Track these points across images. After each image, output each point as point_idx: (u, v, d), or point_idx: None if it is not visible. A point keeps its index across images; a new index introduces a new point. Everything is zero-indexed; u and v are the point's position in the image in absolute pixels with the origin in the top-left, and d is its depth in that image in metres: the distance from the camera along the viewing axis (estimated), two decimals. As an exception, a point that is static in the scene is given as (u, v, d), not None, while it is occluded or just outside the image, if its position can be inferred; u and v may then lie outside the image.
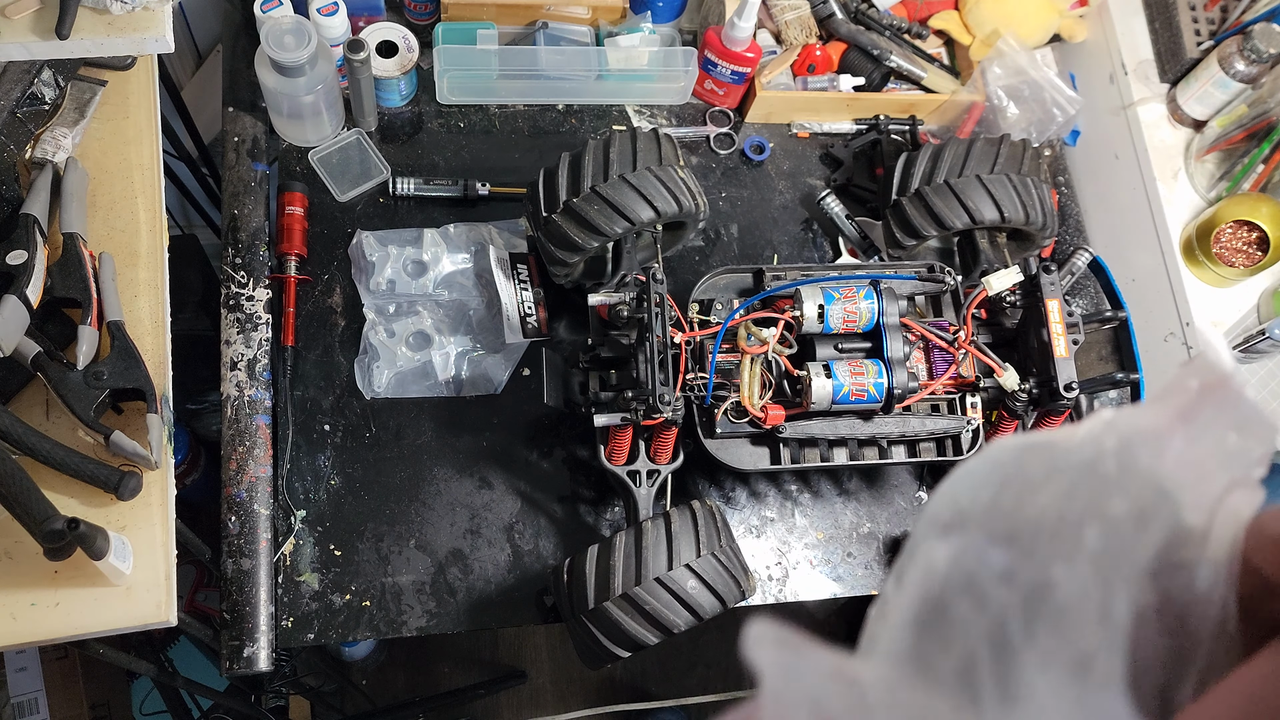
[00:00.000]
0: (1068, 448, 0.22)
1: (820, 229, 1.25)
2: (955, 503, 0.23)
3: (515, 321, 1.09)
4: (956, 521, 0.22)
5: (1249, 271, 1.15)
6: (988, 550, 0.22)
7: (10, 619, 0.82)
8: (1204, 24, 1.22)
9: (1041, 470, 0.22)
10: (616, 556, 0.87)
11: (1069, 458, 0.22)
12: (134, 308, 0.93)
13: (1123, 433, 0.22)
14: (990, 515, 0.22)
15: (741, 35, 1.16)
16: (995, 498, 0.22)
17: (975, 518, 0.22)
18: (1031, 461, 0.23)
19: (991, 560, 0.21)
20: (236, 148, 1.14)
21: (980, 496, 0.23)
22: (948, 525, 0.23)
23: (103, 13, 0.91)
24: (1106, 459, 0.22)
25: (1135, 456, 0.22)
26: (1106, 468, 0.22)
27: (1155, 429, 0.22)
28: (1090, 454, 0.22)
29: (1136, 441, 0.22)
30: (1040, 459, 0.22)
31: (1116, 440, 0.22)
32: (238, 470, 1.00)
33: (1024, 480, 0.22)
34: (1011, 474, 0.23)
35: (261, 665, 0.96)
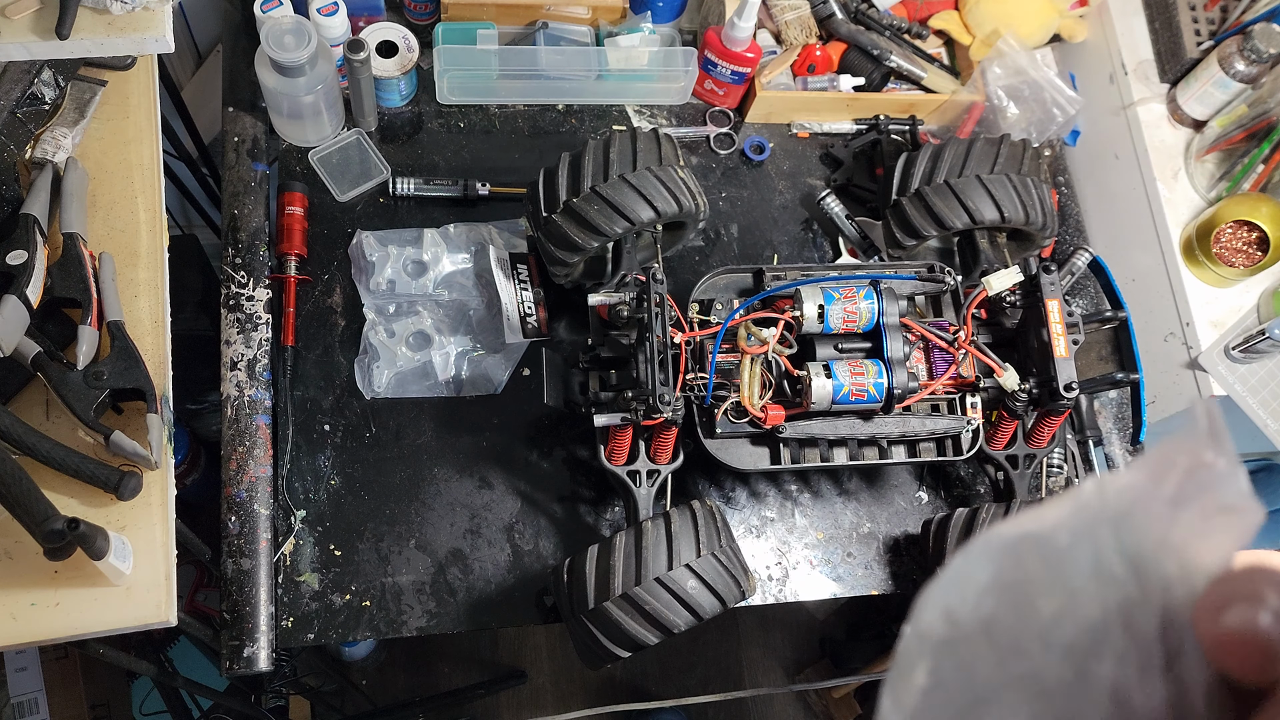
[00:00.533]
0: (1064, 544, 0.21)
1: (820, 229, 1.25)
2: (949, 614, 0.21)
3: (515, 321, 1.09)
4: (953, 636, 0.21)
5: (1249, 271, 1.15)
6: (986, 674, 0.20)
7: (10, 619, 0.82)
8: (1204, 24, 1.22)
9: (1040, 571, 0.21)
10: (616, 556, 0.87)
11: (1070, 556, 0.21)
12: (134, 308, 0.93)
13: (1117, 524, 0.21)
14: (990, 629, 0.21)
15: (741, 35, 1.16)
16: (995, 609, 0.21)
17: (973, 632, 0.21)
18: (1028, 561, 0.21)
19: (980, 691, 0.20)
20: (236, 148, 1.14)
21: (978, 606, 0.21)
22: (944, 642, 0.21)
23: (103, 13, 0.91)
24: (1109, 558, 0.20)
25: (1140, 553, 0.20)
26: (1112, 569, 0.21)
27: (1149, 517, 0.21)
28: (1090, 552, 0.21)
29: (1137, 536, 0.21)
30: (1037, 557, 0.21)
31: (1113, 534, 0.21)
32: (238, 470, 1.00)
33: (1024, 584, 0.21)
34: (1009, 578, 0.21)
35: (261, 665, 0.96)
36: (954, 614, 0.21)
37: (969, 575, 0.21)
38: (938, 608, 0.21)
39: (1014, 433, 1.02)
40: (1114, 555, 0.20)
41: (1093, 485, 0.22)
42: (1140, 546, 0.21)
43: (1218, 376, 1.16)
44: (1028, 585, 0.21)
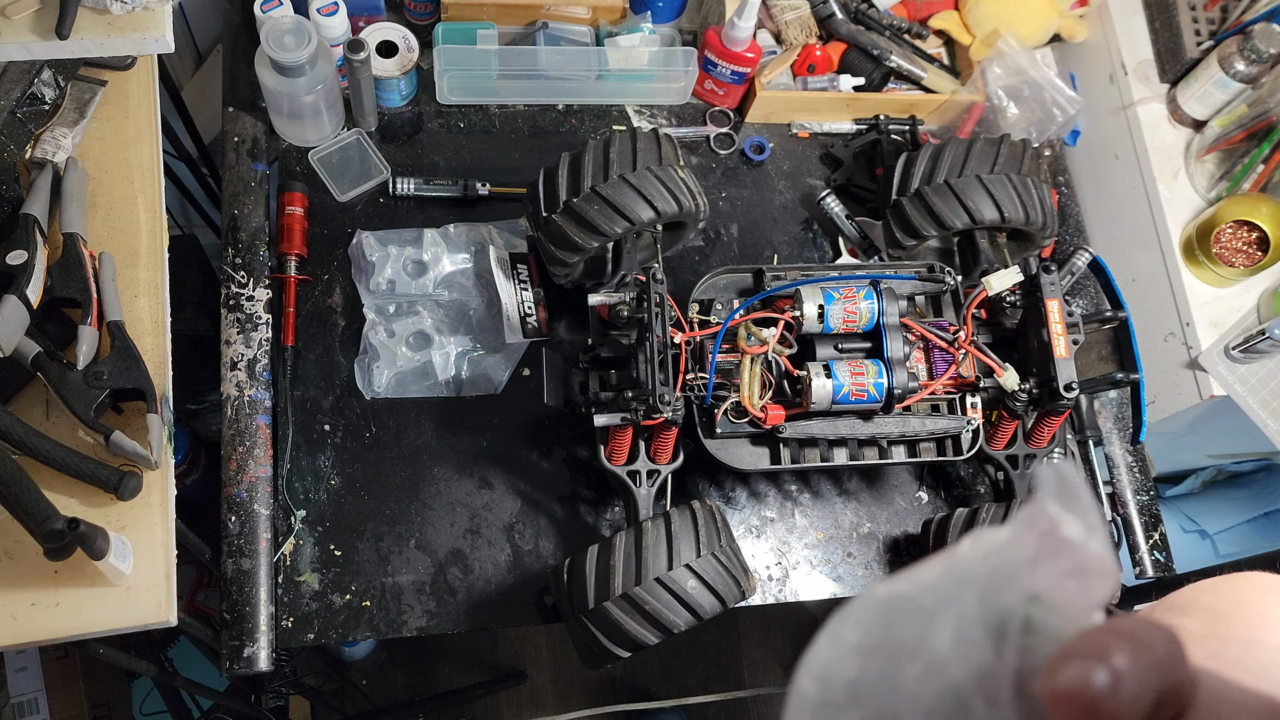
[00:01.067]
0: (929, 606, 0.21)
1: (820, 229, 1.25)
2: (823, 677, 0.21)
3: (515, 321, 1.09)
4: (825, 699, 0.21)
5: (1249, 271, 1.15)
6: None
7: (10, 619, 0.82)
8: (1204, 24, 1.22)
9: (906, 634, 0.21)
10: (616, 556, 0.87)
11: (934, 620, 0.21)
12: (134, 308, 0.93)
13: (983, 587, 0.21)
14: (856, 691, 0.21)
15: (741, 35, 1.16)
16: (861, 671, 0.21)
17: (842, 695, 0.21)
18: (895, 623, 0.21)
19: None
20: (236, 148, 1.14)
21: (846, 668, 0.21)
22: (818, 705, 0.21)
23: (103, 13, 0.91)
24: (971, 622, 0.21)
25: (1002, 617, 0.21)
26: (973, 634, 0.21)
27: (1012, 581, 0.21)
28: (954, 616, 0.21)
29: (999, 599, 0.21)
30: (903, 619, 0.21)
31: (977, 598, 0.21)
32: (238, 470, 1.00)
33: (890, 647, 0.21)
34: (876, 640, 0.21)
35: (261, 665, 0.96)
36: (826, 676, 0.21)
37: (841, 637, 0.21)
38: (812, 670, 0.21)
39: (1014, 433, 1.02)
40: (976, 620, 0.21)
41: (967, 544, 0.22)
42: (1003, 610, 0.21)
43: (1218, 376, 1.16)
44: (893, 648, 0.21)
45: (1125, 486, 1.19)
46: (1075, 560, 0.21)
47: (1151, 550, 1.17)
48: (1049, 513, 0.21)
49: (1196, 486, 1.66)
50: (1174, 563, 1.17)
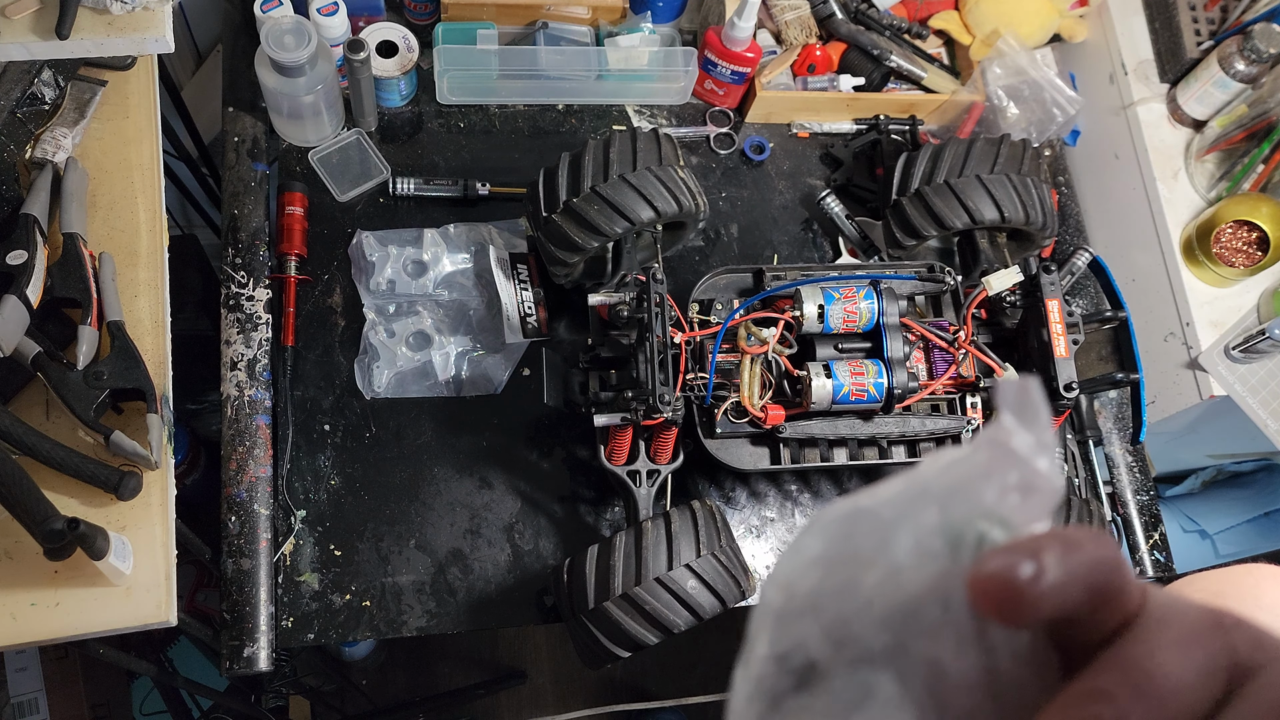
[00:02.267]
0: (889, 519, 0.22)
1: (820, 229, 1.25)
2: (787, 587, 0.22)
3: (515, 321, 1.09)
4: (788, 608, 0.22)
5: (1249, 271, 1.15)
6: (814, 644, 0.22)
7: (10, 619, 0.82)
8: (1204, 24, 1.22)
9: (866, 545, 0.22)
10: (616, 556, 0.87)
11: (894, 531, 0.22)
12: (134, 308, 0.93)
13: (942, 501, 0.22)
14: (818, 600, 0.22)
15: (741, 35, 1.16)
16: (823, 581, 0.22)
17: (804, 603, 0.22)
18: (857, 535, 0.22)
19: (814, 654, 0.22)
20: (236, 148, 1.14)
21: (808, 578, 0.22)
22: (781, 613, 0.22)
23: (103, 13, 0.91)
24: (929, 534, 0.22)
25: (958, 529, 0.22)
26: (932, 544, 0.22)
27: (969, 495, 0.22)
28: (913, 528, 0.22)
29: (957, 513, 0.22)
30: (864, 531, 0.22)
31: (937, 511, 0.22)
32: (238, 470, 1.00)
33: (851, 557, 0.22)
34: (837, 551, 0.22)
35: (261, 665, 0.96)
36: (790, 586, 0.22)
37: (803, 549, 0.23)
38: (777, 581, 0.23)
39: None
40: (934, 531, 0.22)
41: (928, 461, 0.23)
42: (959, 523, 0.22)
43: (1218, 376, 1.16)
44: (854, 558, 0.22)
45: (1125, 486, 1.19)
46: (1023, 475, 0.22)
47: (1151, 550, 1.17)
48: (1004, 425, 0.22)
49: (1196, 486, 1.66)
50: (1174, 563, 1.17)
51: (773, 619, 0.22)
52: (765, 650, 0.22)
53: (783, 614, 0.22)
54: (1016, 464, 0.22)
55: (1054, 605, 0.20)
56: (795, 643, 0.22)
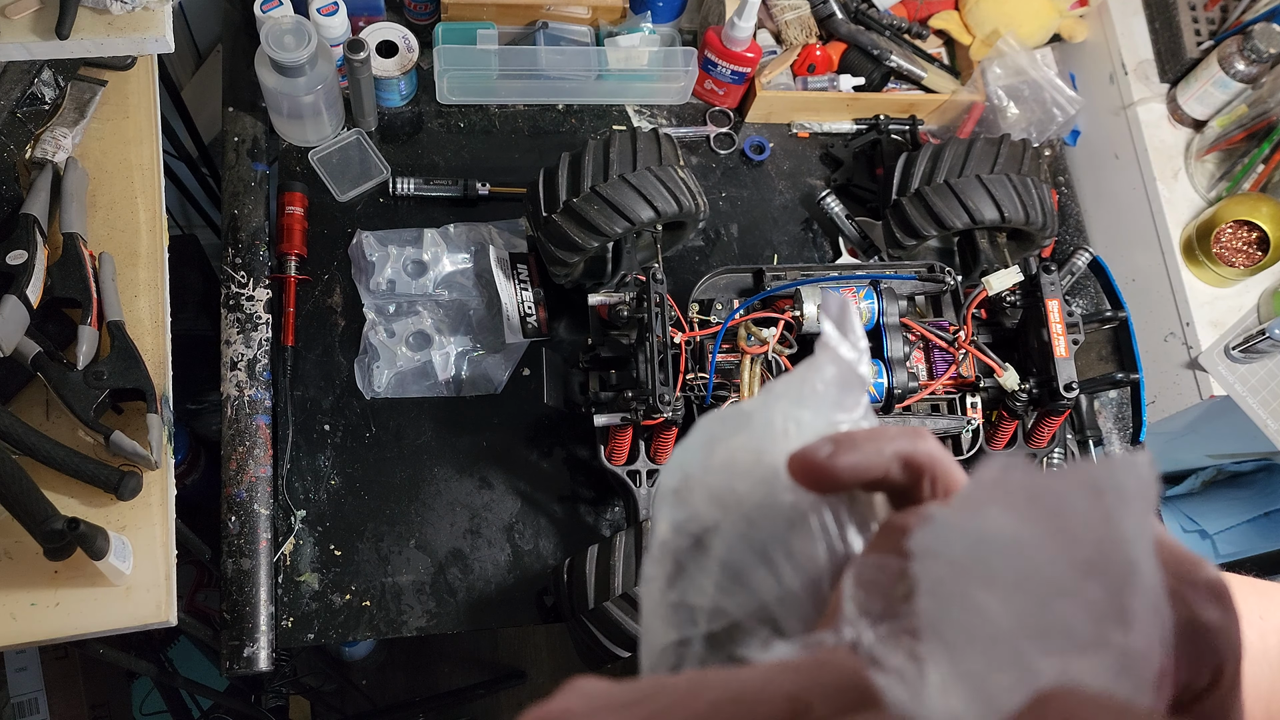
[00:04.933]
0: (751, 411, 0.28)
1: (820, 229, 1.24)
2: (680, 469, 0.28)
3: (515, 321, 1.09)
4: (682, 485, 0.27)
5: (1249, 271, 1.15)
6: (704, 509, 0.27)
7: (10, 619, 0.82)
8: (1204, 24, 1.22)
9: (736, 430, 0.28)
10: (616, 556, 0.87)
11: (756, 420, 0.27)
12: (134, 308, 0.93)
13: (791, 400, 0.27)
14: (705, 477, 0.27)
15: (741, 35, 1.16)
16: (706, 459, 0.27)
17: (696, 479, 0.27)
18: (728, 424, 0.28)
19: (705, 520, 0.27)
20: (236, 148, 1.14)
21: (695, 459, 0.27)
22: (676, 490, 0.27)
23: (103, 13, 0.91)
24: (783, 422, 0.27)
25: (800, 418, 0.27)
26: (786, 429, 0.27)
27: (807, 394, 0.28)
28: (767, 418, 0.27)
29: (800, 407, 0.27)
30: (734, 422, 0.28)
31: (789, 407, 0.27)
32: (238, 470, 1.00)
33: (725, 439, 0.27)
34: (715, 434, 0.28)
35: (261, 665, 0.96)
36: (683, 468, 0.27)
37: (689, 441, 0.28)
38: (671, 467, 0.28)
39: (1014, 433, 1.02)
40: (788, 420, 0.27)
41: (783, 375, 0.29)
42: (801, 414, 0.27)
43: (1218, 376, 1.16)
44: (728, 440, 0.27)
45: (1125, 486, 1.18)
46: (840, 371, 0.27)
47: (1151, 550, 1.17)
48: (826, 333, 0.28)
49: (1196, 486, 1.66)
50: (1174, 563, 1.17)
51: (670, 495, 0.27)
52: (666, 521, 0.27)
53: (678, 490, 0.27)
54: (835, 363, 0.27)
55: (848, 476, 0.25)
56: (689, 513, 0.27)
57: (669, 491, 0.27)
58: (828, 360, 0.27)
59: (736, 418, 0.28)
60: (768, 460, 0.27)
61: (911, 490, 0.27)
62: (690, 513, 0.27)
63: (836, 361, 0.27)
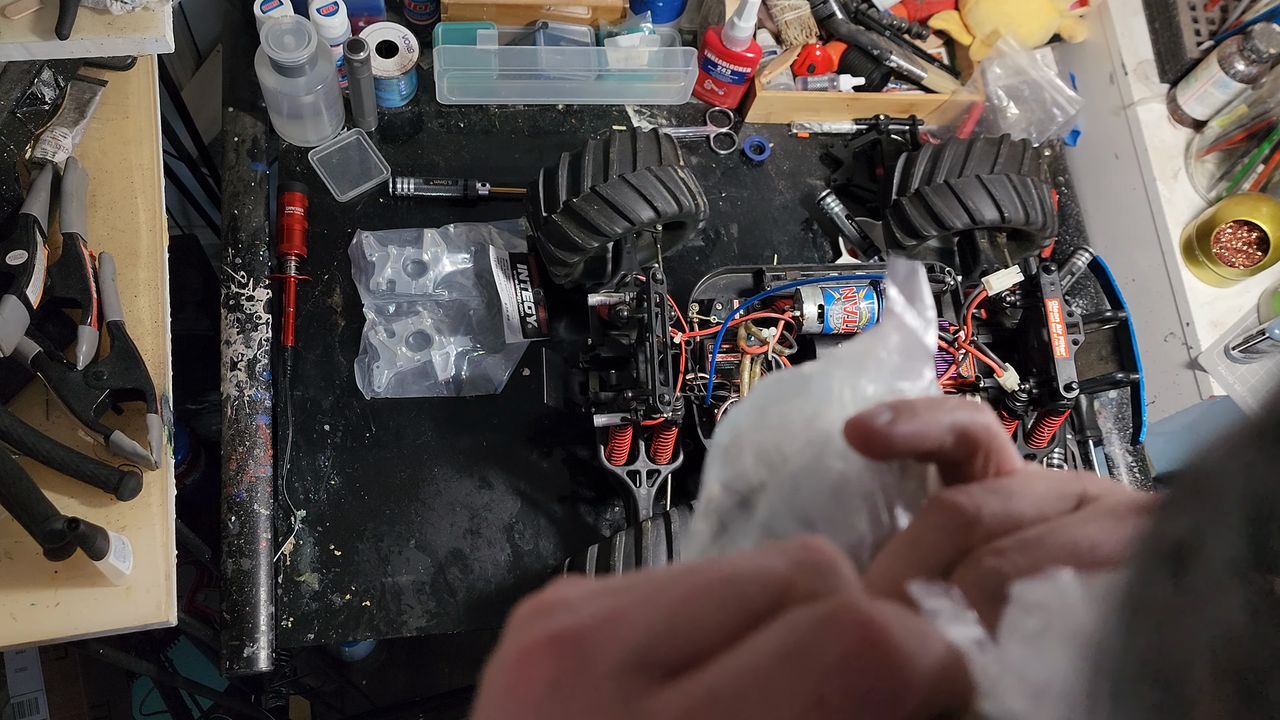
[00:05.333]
0: (810, 374, 0.28)
1: (820, 229, 1.24)
2: (733, 426, 0.28)
3: (515, 321, 1.09)
4: (734, 441, 0.27)
5: (1249, 271, 1.15)
6: (752, 469, 0.27)
7: (10, 619, 0.82)
8: (1204, 24, 1.22)
9: (794, 393, 0.28)
10: (616, 556, 0.87)
11: (813, 384, 0.28)
12: (134, 308, 0.93)
13: (852, 368, 0.28)
14: (756, 436, 0.27)
15: (741, 35, 1.16)
16: (760, 418, 0.27)
17: (746, 436, 0.27)
18: (786, 387, 0.28)
19: (752, 480, 0.27)
20: (236, 148, 1.14)
21: (749, 416, 0.28)
22: (728, 445, 0.27)
23: (103, 13, 0.91)
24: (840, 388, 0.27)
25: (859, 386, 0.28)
26: (842, 394, 0.27)
27: (869, 363, 0.28)
28: (826, 383, 0.27)
29: (862, 376, 0.27)
30: (791, 385, 0.28)
31: (848, 374, 0.27)
32: (238, 470, 1.00)
33: (781, 401, 0.28)
34: (772, 396, 0.28)
35: (261, 665, 0.96)
36: (735, 426, 0.28)
37: (746, 401, 0.28)
38: (726, 424, 0.28)
39: (1014, 433, 1.02)
40: (845, 386, 0.27)
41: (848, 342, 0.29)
42: (860, 381, 0.28)
43: (1218, 376, 1.16)
44: (780, 402, 0.27)
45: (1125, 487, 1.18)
46: (904, 339, 0.27)
47: (1151, 550, 1.17)
48: (892, 298, 0.27)
49: (1196, 486, 1.66)
50: (1174, 563, 1.17)
51: (721, 452, 0.28)
52: (716, 475, 0.27)
53: (728, 448, 0.27)
54: (900, 331, 0.27)
55: (905, 444, 0.25)
56: (737, 471, 0.27)
57: (720, 449, 0.28)
58: (893, 328, 0.27)
59: (795, 380, 0.28)
60: (820, 425, 0.27)
61: (964, 465, 0.27)
62: (738, 471, 0.27)
63: (902, 329, 0.27)
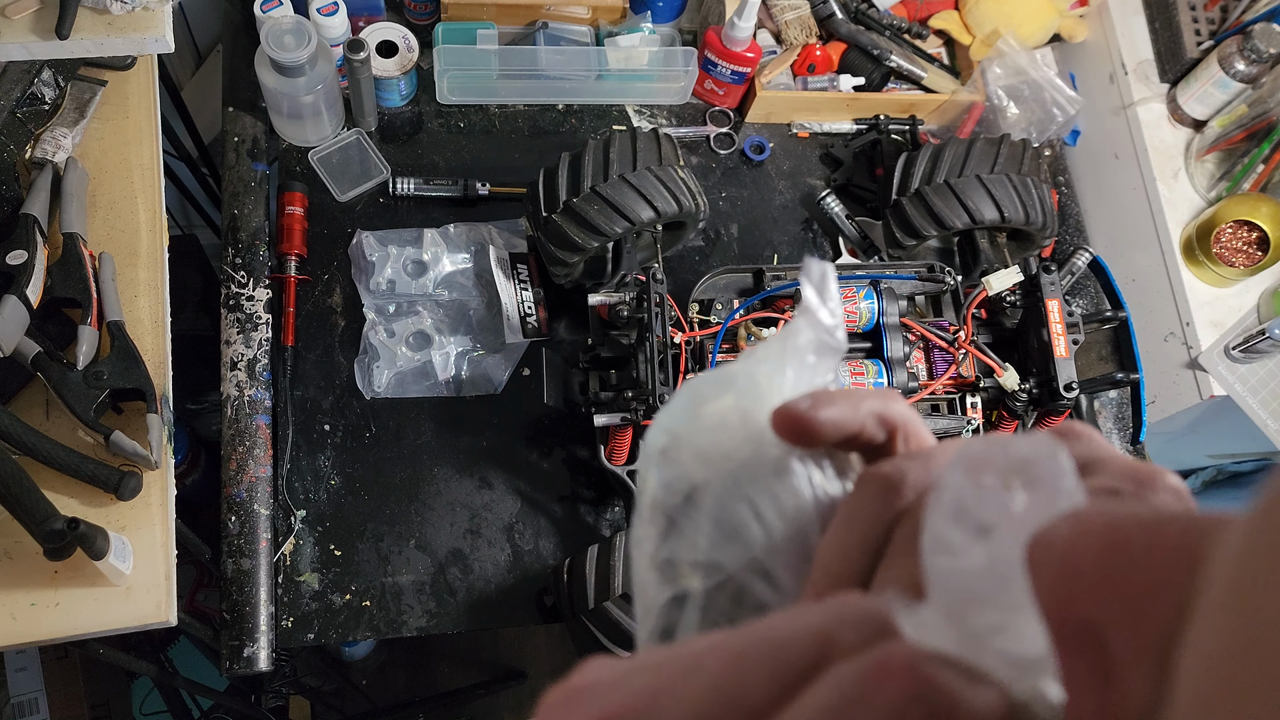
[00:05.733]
0: (734, 371, 0.29)
1: (820, 229, 1.24)
2: (668, 430, 0.28)
3: (515, 321, 1.09)
4: (669, 444, 0.28)
5: (1249, 271, 1.15)
6: (692, 467, 0.28)
7: (10, 619, 0.82)
8: (1204, 24, 1.22)
9: (721, 389, 0.28)
10: (616, 556, 0.87)
11: (735, 382, 0.28)
12: (134, 308, 0.93)
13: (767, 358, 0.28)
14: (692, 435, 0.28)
15: (741, 35, 1.16)
16: (690, 418, 0.28)
17: (684, 437, 0.28)
18: (710, 386, 0.29)
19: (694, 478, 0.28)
20: (236, 148, 1.14)
21: (681, 418, 0.28)
22: (664, 450, 0.28)
23: (103, 13, 0.91)
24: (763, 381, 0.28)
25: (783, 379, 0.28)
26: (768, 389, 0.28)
27: (784, 358, 0.28)
28: (751, 378, 0.28)
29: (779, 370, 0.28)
30: (712, 385, 0.29)
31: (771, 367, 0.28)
32: (238, 470, 1.00)
33: (707, 399, 0.28)
34: (699, 395, 0.29)
35: (261, 665, 0.96)
36: (670, 429, 0.28)
37: (674, 402, 0.29)
38: (657, 428, 0.29)
39: (1014, 433, 1.02)
40: (771, 380, 0.28)
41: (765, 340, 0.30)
42: (784, 375, 0.28)
43: (1218, 376, 1.16)
44: (715, 401, 0.28)
45: (1125, 486, 1.18)
46: (817, 335, 0.28)
47: (1151, 550, 1.17)
48: (806, 298, 0.28)
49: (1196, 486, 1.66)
50: (1174, 563, 1.17)
51: (658, 455, 0.28)
52: (655, 480, 0.28)
53: (665, 450, 0.28)
54: (814, 327, 0.28)
55: (829, 429, 0.27)
56: (678, 471, 0.28)
57: (656, 452, 0.28)
58: (806, 325, 0.28)
59: (721, 379, 0.29)
60: (754, 418, 0.28)
61: (884, 447, 0.28)
62: (679, 471, 0.28)
63: (815, 326, 0.28)
